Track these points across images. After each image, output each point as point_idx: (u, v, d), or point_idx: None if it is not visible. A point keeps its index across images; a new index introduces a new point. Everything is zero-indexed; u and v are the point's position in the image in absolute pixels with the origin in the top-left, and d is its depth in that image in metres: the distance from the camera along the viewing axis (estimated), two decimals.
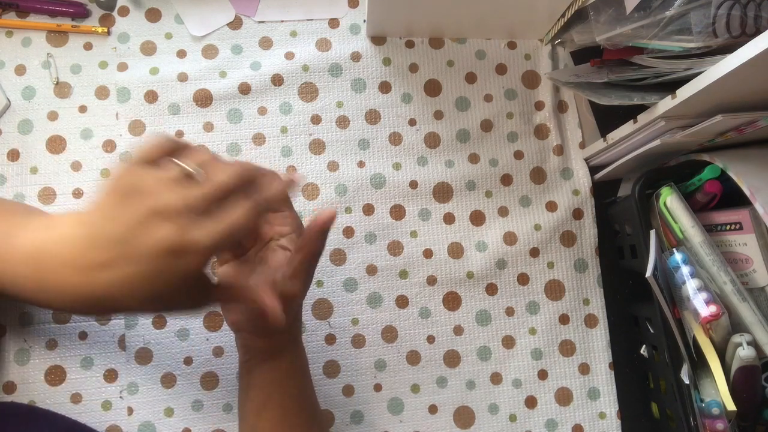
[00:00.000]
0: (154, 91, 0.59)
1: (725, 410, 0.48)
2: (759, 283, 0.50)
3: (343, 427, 0.57)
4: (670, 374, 0.51)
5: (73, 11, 0.59)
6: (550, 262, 0.61)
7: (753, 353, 0.47)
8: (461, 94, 0.62)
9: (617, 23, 0.50)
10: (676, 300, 0.50)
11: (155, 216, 0.33)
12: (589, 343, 0.60)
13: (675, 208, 0.51)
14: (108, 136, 0.58)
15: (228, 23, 0.61)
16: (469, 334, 0.59)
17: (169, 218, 0.33)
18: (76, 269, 0.34)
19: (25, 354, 0.55)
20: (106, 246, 0.34)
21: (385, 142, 0.61)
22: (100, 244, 0.34)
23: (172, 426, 0.55)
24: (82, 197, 0.57)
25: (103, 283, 0.34)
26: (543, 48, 0.64)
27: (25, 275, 0.36)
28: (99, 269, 0.34)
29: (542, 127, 0.63)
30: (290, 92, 0.61)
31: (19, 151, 0.57)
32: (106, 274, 0.34)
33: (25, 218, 0.39)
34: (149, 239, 0.33)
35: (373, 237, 0.60)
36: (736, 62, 0.38)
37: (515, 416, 0.59)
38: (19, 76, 0.58)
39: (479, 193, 0.61)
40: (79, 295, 0.35)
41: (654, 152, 0.53)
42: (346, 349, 0.58)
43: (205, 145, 0.37)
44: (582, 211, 0.62)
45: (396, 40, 0.63)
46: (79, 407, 0.55)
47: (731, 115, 0.45)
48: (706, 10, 0.44)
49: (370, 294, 0.59)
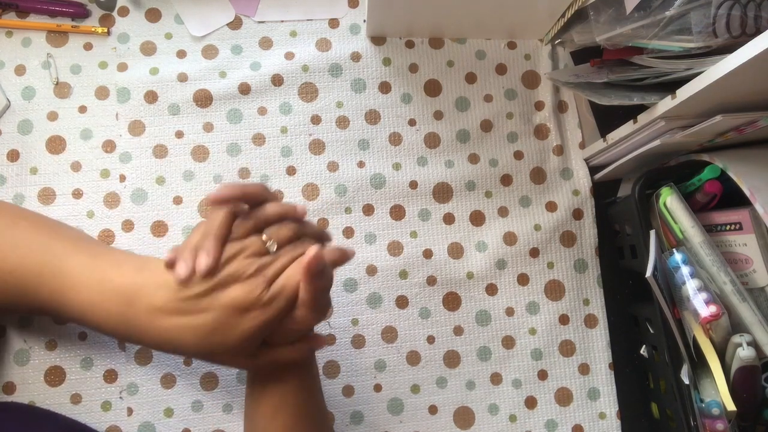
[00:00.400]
0: (154, 91, 0.59)
1: (725, 410, 0.48)
2: (759, 283, 0.50)
3: (343, 427, 0.57)
4: (670, 374, 0.51)
5: (73, 11, 0.59)
6: (550, 262, 0.61)
7: (753, 353, 0.47)
8: (461, 94, 0.63)
9: (617, 23, 0.50)
10: (676, 300, 0.50)
11: (234, 280, 0.40)
12: (589, 343, 0.60)
13: (675, 208, 0.51)
14: (108, 137, 0.58)
15: (228, 23, 0.61)
16: (469, 335, 0.59)
17: (243, 282, 0.40)
18: (161, 312, 0.40)
19: (25, 354, 0.55)
20: (192, 298, 0.40)
21: (385, 143, 0.61)
22: (186, 296, 0.40)
23: (172, 426, 0.55)
24: (81, 197, 0.57)
25: (178, 326, 0.40)
26: (543, 48, 0.64)
27: (116, 311, 0.41)
28: (180, 315, 0.40)
29: (542, 127, 0.63)
30: (290, 92, 0.61)
31: (18, 151, 0.57)
32: (184, 319, 0.40)
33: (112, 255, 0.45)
34: (225, 297, 0.40)
35: (373, 237, 0.60)
36: (736, 62, 0.38)
37: (515, 416, 0.59)
38: (19, 76, 0.58)
39: (479, 194, 0.61)
40: (157, 333, 0.41)
41: (654, 152, 0.53)
42: (346, 349, 0.58)
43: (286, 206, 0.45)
44: (582, 212, 0.62)
45: (396, 40, 0.63)
46: (79, 407, 0.55)
47: (731, 115, 0.45)
48: (706, 10, 0.44)
49: (370, 294, 0.59)
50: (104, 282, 0.42)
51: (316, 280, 0.41)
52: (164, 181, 0.58)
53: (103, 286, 0.41)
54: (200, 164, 0.59)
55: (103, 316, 0.41)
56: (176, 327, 0.40)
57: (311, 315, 0.42)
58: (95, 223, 0.57)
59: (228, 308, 0.40)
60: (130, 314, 0.41)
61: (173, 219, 0.58)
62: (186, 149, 0.59)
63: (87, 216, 0.57)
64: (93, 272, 0.42)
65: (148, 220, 0.58)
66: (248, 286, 0.40)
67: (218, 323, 0.40)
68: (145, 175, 0.58)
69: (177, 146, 0.59)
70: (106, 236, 0.57)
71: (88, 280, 0.42)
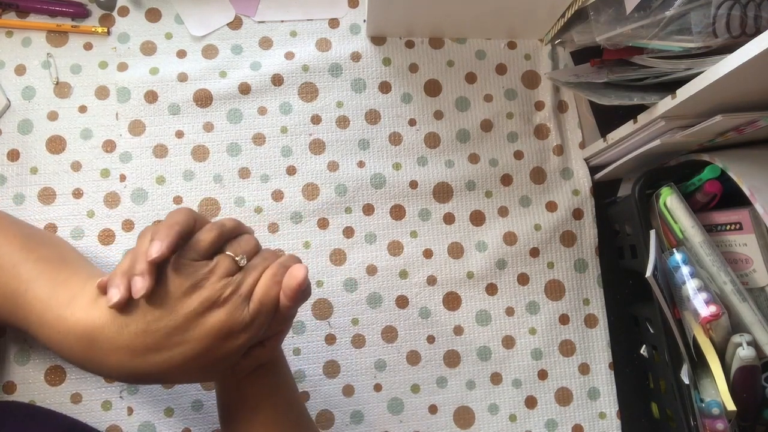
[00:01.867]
0: (154, 91, 0.59)
1: (725, 410, 0.48)
2: (759, 283, 0.50)
3: (343, 427, 0.57)
4: (670, 374, 0.51)
5: (73, 11, 0.59)
6: (550, 262, 0.61)
7: (753, 353, 0.47)
8: (461, 94, 0.63)
9: (617, 23, 0.50)
10: (676, 300, 0.50)
11: (211, 306, 0.38)
12: (589, 343, 0.60)
13: (675, 208, 0.51)
14: (108, 136, 0.58)
15: (228, 23, 0.61)
16: (469, 334, 0.59)
17: (222, 307, 0.38)
18: (129, 352, 0.37)
19: (25, 354, 0.55)
20: (163, 334, 0.37)
21: (385, 142, 0.61)
22: (155, 332, 0.37)
23: (172, 426, 0.55)
24: (82, 197, 0.57)
25: (155, 363, 0.38)
26: (543, 48, 0.64)
27: (79, 350, 0.39)
28: (153, 352, 0.38)
29: (542, 127, 0.63)
30: (290, 92, 0.61)
31: (19, 151, 0.57)
32: (159, 356, 0.38)
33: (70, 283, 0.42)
34: (205, 326, 0.38)
35: (373, 237, 0.60)
36: (736, 62, 0.38)
37: (515, 416, 0.59)
38: (19, 76, 0.58)
39: (479, 193, 0.61)
40: (129, 372, 0.38)
41: (654, 152, 0.53)
42: (346, 349, 0.58)
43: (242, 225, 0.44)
44: (582, 211, 0.62)
45: (396, 40, 0.63)
46: (79, 407, 0.55)
47: (731, 115, 0.45)
48: (706, 10, 0.44)
49: (370, 294, 0.59)
50: (61, 320, 0.39)
51: (303, 297, 0.40)
52: (164, 180, 0.58)
53: (61, 325, 0.39)
54: (200, 164, 0.59)
55: (68, 355, 0.39)
56: (152, 364, 0.38)
57: (290, 323, 0.42)
58: (95, 222, 0.57)
59: (210, 336, 0.38)
60: (93, 354, 0.38)
61: None
62: (186, 149, 0.59)
63: (87, 215, 0.57)
64: (51, 308, 0.40)
65: (149, 220, 0.58)
66: (228, 309, 0.38)
67: (201, 352, 0.38)
68: (145, 175, 0.58)
69: (177, 146, 0.59)
70: (107, 236, 0.57)
71: (47, 318, 0.40)
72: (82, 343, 0.38)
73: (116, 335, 0.38)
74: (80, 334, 0.38)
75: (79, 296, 0.40)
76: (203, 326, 0.38)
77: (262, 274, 0.40)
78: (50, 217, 0.57)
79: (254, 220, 0.59)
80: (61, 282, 0.42)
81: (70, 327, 0.39)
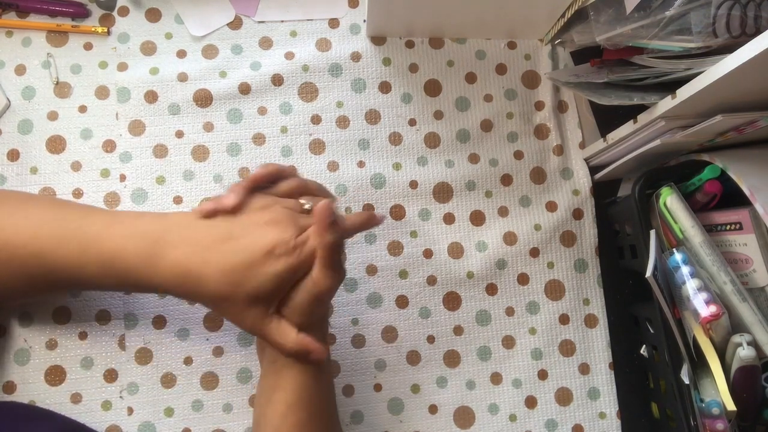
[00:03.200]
0: (154, 91, 0.59)
1: (725, 410, 0.48)
2: (759, 283, 0.50)
3: (343, 427, 0.57)
4: (670, 374, 0.51)
5: (73, 11, 0.59)
6: (550, 262, 0.61)
7: (753, 353, 0.47)
8: (461, 94, 0.63)
9: (617, 23, 0.50)
10: (676, 300, 0.50)
11: (270, 225, 0.42)
12: (589, 343, 0.60)
13: (675, 208, 0.51)
14: (108, 136, 0.58)
15: (228, 23, 0.61)
16: (469, 334, 0.59)
17: (278, 227, 0.42)
18: (194, 244, 0.41)
19: (25, 354, 0.55)
20: (221, 236, 0.41)
21: (385, 142, 0.61)
22: (215, 234, 0.41)
23: (172, 426, 0.55)
24: (82, 197, 0.57)
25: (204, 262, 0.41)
26: (543, 48, 0.64)
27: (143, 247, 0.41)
28: (206, 251, 0.41)
29: (542, 127, 0.63)
30: (290, 92, 0.61)
31: (19, 151, 0.57)
32: (210, 255, 0.41)
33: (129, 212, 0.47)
34: (256, 236, 0.41)
35: (373, 237, 0.60)
36: (736, 62, 0.38)
37: (515, 416, 0.59)
38: (19, 76, 0.58)
39: (479, 193, 0.61)
40: (179, 269, 0.41)
41: (654, 152, 0.53)
42: (346, 349, 0.58)
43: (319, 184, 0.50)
44: (582, 211, 0.62)
45: (396, 40, 0.63)
46: (79, 407, 0.55)
47: (731, 115, 0.45)
48: (706, 10, 0.44)
49: (370, 294, 0.59)
50: (131, 227, 0.43)
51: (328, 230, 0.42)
52: (164, 180, 0.58)
53: (129, 231, 0.42)
54: (200, 164, 0.59)
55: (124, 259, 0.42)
56: (207, 261, 0.41)
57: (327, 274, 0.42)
58: None
59: (258, 248, 0.41)
60: (157, 248, 0.41)
61: None
62: (186, 149, 0.59)
63: None
64: (115, 224, 0.43)
65: None
66: (281, 230, 0.41)
67: (247, 261, 0.41)
68: (145, 175, 0.58)
69: (177, 146, 0.59)
70: None
71: (112, 230, 0.42)
72: (146, 242, 0.41)
73: (182, 233, 0.42)
74: (150, 232, 0.42)
75: (145, 215, 0.45)
76: (255, 235, 0.41)
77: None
78: None
79: None
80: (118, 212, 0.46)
81: (141, 228, 0.42)
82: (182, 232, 0.42)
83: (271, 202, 0.44)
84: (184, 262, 0.41)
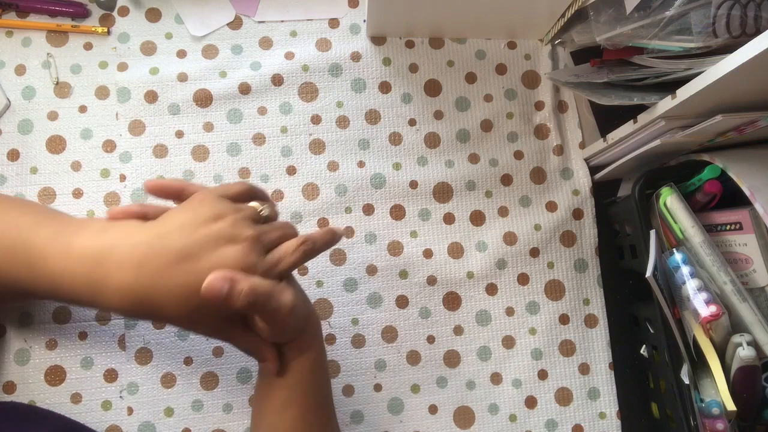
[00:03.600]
0: (154, 91, 0.59)
1: (725, 410, 0.48)
2: (759, 283, 0.50)
3: (343, 427, 0.57)
4: (670, 374, 0.51)
5: (73, 11, 0.59)
6: (550, 262, 0.61)
7: (753, 353, 0.47)
8: (461, 94, 0.63)
9: (617, 23, 0.50)
10: (676, 300, 0.50)
11: (228, 240, 0.38)
12: (589, 343, 0.60)
13: (675, 208, 0.51)
14: (108, 136, 0.58)
15: (228, 23, 0.61)
16: (469, 334, 0.59)
17: (238, 244, 0.38)
18: (136, 269, 0.36)
19: (25, 354, 0.55)
20: (174, 256, 0.36)
21: (385, 142, 0.61)
22: (166, 253, 0.37)
23: (172, 426, 0.55)
24: (82, 197, 0.57)
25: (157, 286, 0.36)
26: (543, 48, 0.64)
27: (82, 273, 0.37)
28: (159, 274, 0.36)
29: (542, 127, 0.63)
30: (290, 92, 0.61)
31: (19, 151, 0.57)
32: (164, 279, 0.36)
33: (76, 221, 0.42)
34: (217, 257, 0.37)
35: (373, 237, 0.60)
36: (736, 62, 0.38)
37: (515, 416, 0.59)
38: (19, 76, 0.58)
39: (479, 193, 0.61)
40: (130, 296, 0.37)
41: (654, 152, 0.53)
42: (346, 349, 0.58)
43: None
44: (582, 211, 0.62)
45: (396, 40, 0.63)
46: (79, 407, 0.55)
47: (731, 115, 0.45)
48: (706, 10, 0.44)
49: (370, 294, 0.59)
50: (66, 247, 0.38)
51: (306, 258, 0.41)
52: None
53: (69, 251, 0.38)
54: (200, 164, 0.59)
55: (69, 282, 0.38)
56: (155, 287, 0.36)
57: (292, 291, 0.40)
58: None
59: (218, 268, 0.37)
60: (97, 275, 0.37)
61: None
62: (186, 149, 0.59)
63: (87, 215, 0.57)
64: (58, 240, 0.39)
65: None
66: (244, 249, 0.37)
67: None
68: (145, 175, 0.58)
69: (177, 146, 0.59)
70: None
71: (54, 249, 0.39)
72: (87, 264, 0.37)
73: (127, 253, 0.37)
74: (88, 255, 0.37)
75: (87, 228, 0.40)
76: (215, 257, 0.37)
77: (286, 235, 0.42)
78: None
79: None
80: (65, 222, 0.41)
81: (78, 249, 0.38)
82: (127, 251, 0.37)
83: (225, 210, 0.39)
84: (134, 288, 0.37)
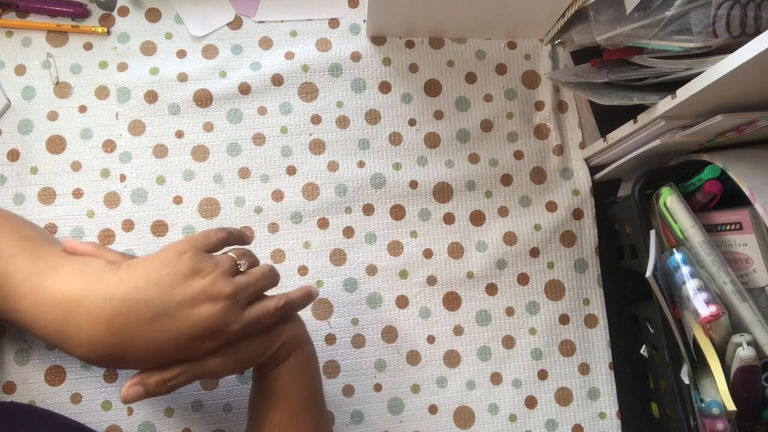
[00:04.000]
0: (154, 91, 0.59)
1: (725, 410, 0.48)
2: (759, 283, 0.50)
3: (343, 427, 0.57)
4: (670, 374, 0.51)
5: (73, 11, 0.59)
6: (550, 262, 0.61)
7: (753, 353, 0.47)
8: (461, 94, 0.63)
9: (617, 23, 0.50)
10: (676, 300, 0.50)
11: (206, 299, 0.36)
12: (589, 343, 0.60)
13: (675, 208, 0.51)
14: (108, 136, 0.58)
15: (228, 23, 0.61)
16: (469, 334, 0.59)
17: (217, 303, 0.37)
18: (107, 327, 0.35)
19: (25, 354, 0.55)
20: (149, 315, 0.35)
21: (385, 142, 0.61)
22: (141, 311, 0.35)
23: (172, 426, 0.55)
24: (82, 197, 0.57)
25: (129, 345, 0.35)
26: (543, 48, 0.64)
27: (52, 320, 0.36)
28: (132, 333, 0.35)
29: (542, 127, 0.63)
30: (290, 92, 0.61)
31: (19, 151, 0.57)
32: (136, 338, 0.35)
33: (52, 258, 0.40)
34: (194, 317, 0.36)
35: (373, 237, 0.60)
36: (736, 62, 0.38)
37: (515, 416, 0.59)
38: (19, 76, 0.58)
39: (479, 193, 0.61)
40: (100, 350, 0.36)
41: (654, 152, 0.53)
42: (346, 349, 0.58)
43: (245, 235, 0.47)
44: (582, 211, 0.62)
45: (396, 40, 0.63)
46: (79, 407, 0.55)
47: (731, 115, 0.45)
48: (706, 10, 0.44)
49: (370, 294, 0.59)
50: (40, 289, 0.37)
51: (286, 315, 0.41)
52: (164, 180, 0.58)
53: (38, 294, 0.37)
54: (200, 164, 0.59)
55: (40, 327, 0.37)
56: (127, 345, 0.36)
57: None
58: (95, 222, 0.57)
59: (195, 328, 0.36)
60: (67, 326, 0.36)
61: (173, 219, 0.58)
62: (186, 149, 0.59)
63: (87, 215, 0.57)
64: (31, 278, 0.38)
65: (148, 220, 0.58)
66: (223, 308, 0.37)
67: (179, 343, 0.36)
68: (145, 175, 0.58)
69: (177, 146, 0.59)
70: (107, 236, 0.57)
71: (25, 288, 0.38)
72: (56, 312, 0.36)
73: (98, 308, 0.35)
74: (58, 303, 0.36)
75: (62, 268, 0.38)
76: (192, 317, 0.36)
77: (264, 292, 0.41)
78: (50, 217, 0.57)
79: (254, 220, 0.59)
80: (42, 256, 0.40)
81: (49, 295, 0.36)
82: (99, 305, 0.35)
83: (204, 266, 0.38)
84: (101, 346, 0.35)
